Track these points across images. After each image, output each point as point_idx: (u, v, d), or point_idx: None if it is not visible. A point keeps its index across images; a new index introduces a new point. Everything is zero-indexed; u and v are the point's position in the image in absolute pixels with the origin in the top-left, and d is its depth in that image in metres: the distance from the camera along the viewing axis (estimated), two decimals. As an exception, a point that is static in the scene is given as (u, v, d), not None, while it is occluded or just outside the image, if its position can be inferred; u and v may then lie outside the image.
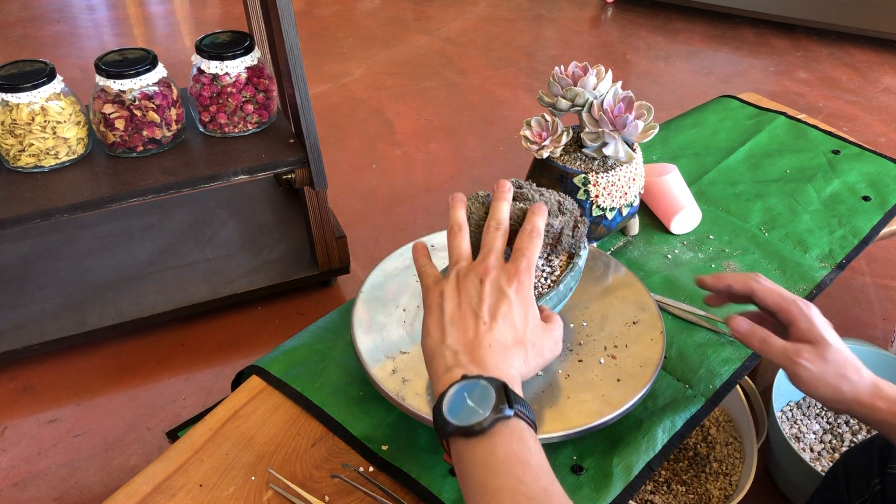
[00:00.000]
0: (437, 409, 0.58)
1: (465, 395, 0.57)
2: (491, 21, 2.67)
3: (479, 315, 0.63)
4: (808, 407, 1.16)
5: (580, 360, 0.78)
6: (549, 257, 0.76)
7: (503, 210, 0.69)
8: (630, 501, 0.72)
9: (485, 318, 0.63)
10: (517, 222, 0.70)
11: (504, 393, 0.56)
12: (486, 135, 1.98)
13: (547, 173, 0.93)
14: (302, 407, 0.79)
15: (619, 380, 0.75)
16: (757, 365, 1.04)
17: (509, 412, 0.56)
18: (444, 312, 0.64)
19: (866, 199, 1.11)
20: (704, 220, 1.06)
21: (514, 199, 0.74)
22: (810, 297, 0.94)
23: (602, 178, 0.90)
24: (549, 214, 0.71)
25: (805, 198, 1.11)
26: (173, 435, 1.18)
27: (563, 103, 0.93)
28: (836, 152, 1.21)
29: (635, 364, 0.77)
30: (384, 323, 0.82)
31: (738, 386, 0.96)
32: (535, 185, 0.77)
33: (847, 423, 1.14)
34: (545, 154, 0.92)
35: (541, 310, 0.68)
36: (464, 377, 0.58)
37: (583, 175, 0.90)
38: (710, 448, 1.07)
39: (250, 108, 1.29)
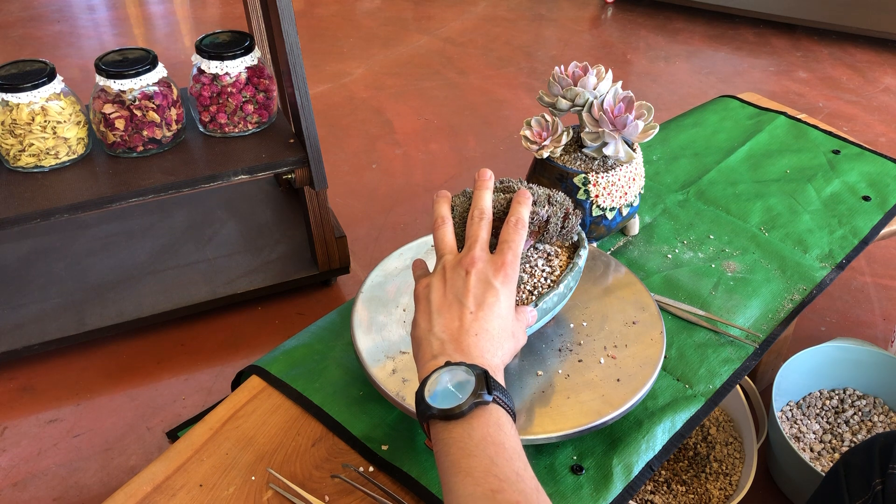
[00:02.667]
0: (419, 393, 0.59)
1: (447, 380, 0.58)
2: (491, 21, 2.67)
3: (465, 304, 0.64)
4: (808, 407, 1.16)
5: (580, 360, 0.78)
6: (549, 257, 0.76)
7: (485, 199, 0.70)
8: (630, 501, 0.72)
9: (471, 308, 0.63)
10: (502, 212, 0.71)
11: (484, 380, 0.58)
12: (486, 135, 1.98)
13: (547, 173, 0.93)
14: (302, 407, 0.79)
15: (619, 380, 0.75)
16: (757, 365, 1.04)
17: (488, 398, 0.57)
18: (431, 303, 0.65)
19: (866, 199, 1.11)
20: (704, 219, 1.06)
21: (503, 191, 0.74)
22: (810, 297, 0.94)
23: (602, 178, 0.90)
24: (535, 203, 0.71)
25: (805, 198, 1.11)
26: (173, 435, 1.18)
27: (563, 103, 0.93)
28: (836, 152, 1.21)
29: (635, 364, 0.77)
30: (384, 323, 0.82)
31: (738, 386, 0.96)
32: (525, 181, 0.77)
33: (847, 423, 1.14)
34: (545, 154, 0.92)
35: None
36: (447, 364, 0.60)
37: (583, 175, 0.90)
38: (710, 448, 1.07)
39: (250, 108, 1.29)
